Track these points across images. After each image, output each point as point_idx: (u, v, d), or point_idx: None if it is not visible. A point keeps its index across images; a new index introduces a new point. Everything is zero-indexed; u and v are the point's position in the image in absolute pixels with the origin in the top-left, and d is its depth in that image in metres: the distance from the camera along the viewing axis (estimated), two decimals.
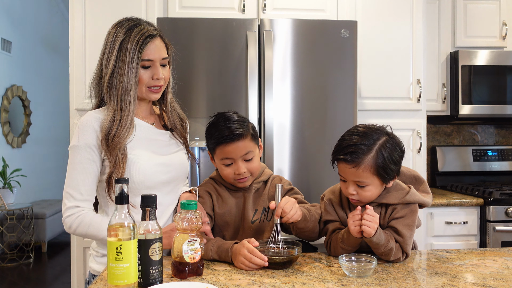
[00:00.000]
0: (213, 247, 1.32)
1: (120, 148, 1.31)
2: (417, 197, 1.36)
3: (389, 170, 1.31)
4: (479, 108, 2.82)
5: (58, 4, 6.34)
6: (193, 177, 2.13)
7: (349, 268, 1.18)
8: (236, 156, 1.43)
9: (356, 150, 1.29)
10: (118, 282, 1.03)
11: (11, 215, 4.58)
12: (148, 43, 1.33)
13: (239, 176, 1.44)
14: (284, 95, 2.21)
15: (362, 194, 1.33)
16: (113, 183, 1.30)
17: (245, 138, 1.43)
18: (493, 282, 1.14)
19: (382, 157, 1.29)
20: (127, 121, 1.32)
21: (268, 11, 2.42)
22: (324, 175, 2.20)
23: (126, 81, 1.31)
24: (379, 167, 1.29)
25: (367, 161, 1.28)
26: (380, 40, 2.50)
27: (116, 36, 1.34)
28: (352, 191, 1.33)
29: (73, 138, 1.35)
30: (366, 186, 1.32)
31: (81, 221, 1.30)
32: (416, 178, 1.47)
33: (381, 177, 1.31)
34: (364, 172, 1.29)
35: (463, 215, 2.55)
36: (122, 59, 1.31)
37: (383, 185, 1.35)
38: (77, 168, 1.31)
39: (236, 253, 1.26)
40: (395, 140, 1.34)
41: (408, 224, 1.33)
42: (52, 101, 6.21)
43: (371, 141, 1.30)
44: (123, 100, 1.32)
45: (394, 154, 1.32)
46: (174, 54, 1.48)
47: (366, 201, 1.35)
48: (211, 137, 1.46)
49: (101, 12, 2.33)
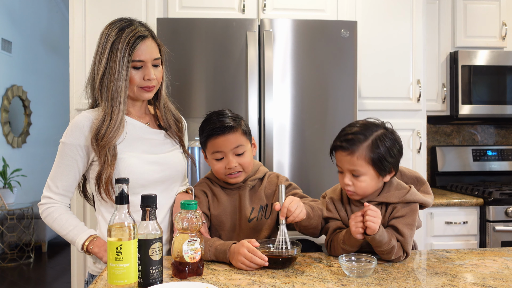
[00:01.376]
0: (211, 248, 1.32)
1: (110, 147, 1.32)
2: (417, 196, 1.36)
3: (385, 161, 1.31)
4: (479, 108, 2.82)
5: (58, 4, 6.35)
6: (193, 177, 2.14)
7: (349, 268, 1.18)
8: (226, 149, 1.43)
9: (353, 138, 1.31)
10: (118, 282, 1.03)
11: (11, 215, 4.59)
12: (139, 44, 1.34)
13: (230, 171, 1.45)
14: (284, 95, 2.21)
15: (357, 184, 1.33)
16: (102, 182, 1.34)
17: (236, 131, 1.44)
18: (493, 282, 1.14)
19: (378, 147, 1.30)
20: (117, 121, 1.34)
21: (268, 11, 2.42)
22: (324, 175, 2.20)
23: (116, 82, 1.32)
24: (374, 157, 1.30)
25: (362, 149, 1.30)
26: (380, 40, 2.50)
27: (108, 36, 1.35)
28: (347, 181, 1.33)
29: (64, 134, 1.38)
30: (361, 176, 1.32)
31: (50, 213, 1.38)
32: (418, 179, 1.47)
33: (376, 167, 1.31)
34: (359, 160, 1.30)
35: (463, 215, 2.55)
36: (113, 59, 1.32)
37: (379, 178, 1.34)
38: (59, 164, 1.37)
39: (235, 253, 1.26)
40: (393, 136, 1.35)
41: (408, 223, 1.33)
42: (52, 101, 6.21)
43: (369, 132, 1.32)
44: (113, 100, 1.33)
45: (391, 147, 1.32)
46: (167, 54, 1.48)
47: (362, 193, 1.35)
48: (203, 132, 1.48)
49: (101, 12, 2.33)
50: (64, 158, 1.36)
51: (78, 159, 1.36)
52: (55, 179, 1.38)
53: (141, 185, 1.37)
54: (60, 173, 1.37)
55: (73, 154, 1.35)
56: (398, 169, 1.38)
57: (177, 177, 1.50)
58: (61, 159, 1.37)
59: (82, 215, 2.34)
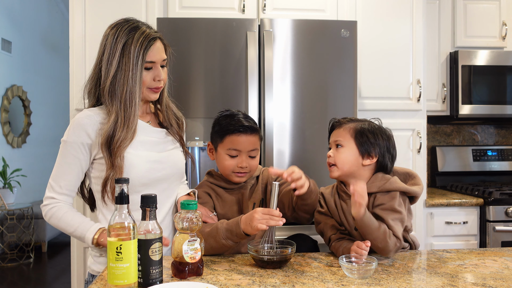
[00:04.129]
0: (222, 224, 1.33)
1: (122, 153, 1.32)
2: (398, 184, 1.38)
3: (366, 138, 1.40)
4: (479, 108, 2.82)
5: (58, 4, 6.35)
6: (193, 177, 2.13)
7: (349, 269, 1.18)
8: (244, 149, 1.47)
9: (345, 118, 1.49)
10: (118, 282, 1.03)
11: (11, 215, 4.58)
12: (152, 46, 1.35)
13: (240, 170, 1.48)
14: (284, 95, 2.21)
15: (337, 155, 1.42)
16: (108, 187, 1.33)
17: (256, 134, 1.50)
18: (493, 282, 1.14)
19: (364, 126, 1.43)
20: (133, 124, 1.34)
21: (268, 11, 2.42)
22: (324, 175, 2.19)
23: (131, 83, 1.32)
24: (358, 130, 1.42)
25: (350, 125, 1.44)
26: (380, 40, 2.50)
27: (117, 38, 1.34)
28: (330, 153, 1.44)
29: (65, 133, 1.37)
30: (342, 148, 1.42)
31: (54, 213, 1.36)
32: (409, 173, 1.49)
33: (357, 142, 1.40)
34: (344, 131, 1.43)
35: (463, 215, 2.55)
36: (126, 61, 1.32)
37: (359, 158, 1.40)
38: (62, 163, 1.36)
39: (248, 219, 1.27)
40: (383, 129, 1.46)
41: (386, 209, 1.35)
42: (52, 101, 6.21)
43: (363, 120, 1.48)
44: (128, 102, 1.33)
45: (377, 132, 1.43)
46: (171, 55, 1.49)
47: (340, 166, 1.41)
48: (225, 125, 1.49)
49: (101, 12, 2.33)
50: (66, 157, 1.35)
51: (81, 157, 1.35)
52: (58, 179, 1.36)
53: (143, 183, 1.37)
54: (62, 172, 1.36)
55: (76, 153, 1.35)
56: (381, 158, 1.42)
57: (178, 175, 1.51)
58: (63, 158, 1.36)
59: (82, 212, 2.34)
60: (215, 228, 1.34)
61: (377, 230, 1.30)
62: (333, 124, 1.50)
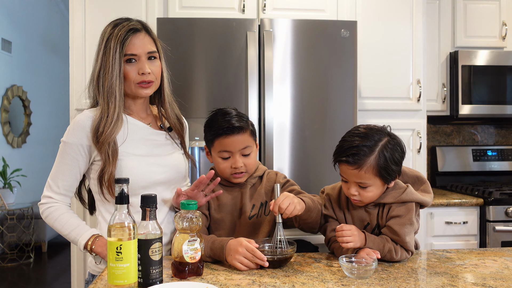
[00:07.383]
0: (208, 243, 1.32)
1: (109, 143, 1.32)
2: (414, 196, 1.36)
3: (391, 170, 1.31)
4: (479, 108, 2.82)
5: (58, 4, 6.34)
6: (193, 177, 2.13)
7: (349, 269, 1.18)
8: (234, 149, 1.43)
9: (358, 152, 1.28)
10: (118, 282, 1.03)
11: (11, 215, 4.59)
12: (130, 38, 1.34)
13: (236, 170, 1.45)
14: (284, 95, 2.21)
15: (364, 195, 1.33)
16: (105, 180, 1.33)
17: (245, 132, 1.45)
18: (493, 282, 1.14)
19: (384, 158, 1.29)
20: (113, 117, 1.33)
21: (268, 11, 2.42)
22: (324, 175, 2.20)
23: (110, 78, 1.33)
24: (381, 168, 1.29)
25: (369, 162, 1.28)
26: (380, 40, 2.50)
27: (104, 34, 1.36)
28: (354, 192, 1.33)
29: (65, 134, 1.38)
30: (368, 187, 1.32)
31: (51, 213, 1.37)
32: (418, 178, 1.46)
33: (382, 178, 1.31)
34: (366, 173, 1.29)
35: (463, 215, 2.55)
36: (107, 56, 1.33)
37: (385, 186, 1.35)
38: (60, 163, 1.37)
39: (232, 250, 1.25)
40: (396, 141, 1.34)
41: (403, 223, 1.33)
42: (52, 101, 6.21)
43: (373, 142, 1.30)
44: (109, 97, 1.33)
45: (396, 154, 1.32)
46: (167, 51, 1.47)
47: (368, 201, 1.36)
48: (210, 129, 1.46)
49: (101, 12, 2.33)
50: (65, 158, 1.36)
51: (80, 158, 1.36)
52: (56, 179, 1.37)
53: (142, 186, 1.37)
54: (61, 172, 1.36)
55: (75, 154, 1.35)
56: (401, 173, 1.39)
57: (178, 179, 1.50)
58: (62, 159, 1.36)
59: (82, 215, 2.34)
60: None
61: (381, 251, 1.31)
62: (347, 160, 1.30)
